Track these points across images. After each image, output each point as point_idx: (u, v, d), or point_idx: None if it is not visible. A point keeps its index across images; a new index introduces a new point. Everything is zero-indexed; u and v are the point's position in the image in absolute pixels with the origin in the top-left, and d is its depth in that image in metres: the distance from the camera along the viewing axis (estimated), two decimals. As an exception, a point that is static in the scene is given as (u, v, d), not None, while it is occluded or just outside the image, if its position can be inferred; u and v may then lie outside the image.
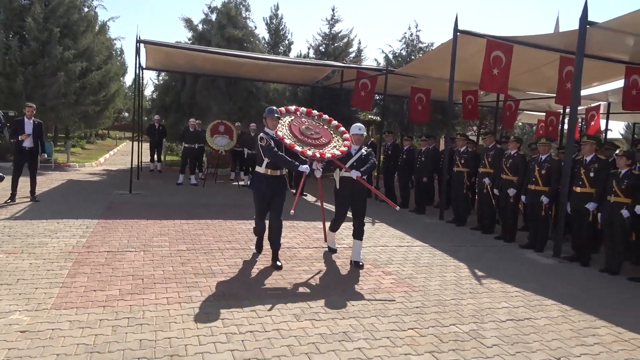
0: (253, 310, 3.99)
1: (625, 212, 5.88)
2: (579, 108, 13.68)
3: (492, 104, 16.38)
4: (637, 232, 5.88)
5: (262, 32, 22.71)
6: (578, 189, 6.51)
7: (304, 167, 5.20)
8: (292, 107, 5.93)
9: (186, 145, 12.32)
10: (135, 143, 12.12)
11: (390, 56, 19.94)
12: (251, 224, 7.49)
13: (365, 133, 5.80)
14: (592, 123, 16.23)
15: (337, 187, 5.71)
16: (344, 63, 15.33)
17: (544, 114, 16.72)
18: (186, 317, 3.77)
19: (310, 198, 11.22)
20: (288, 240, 6.60)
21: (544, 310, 4.47)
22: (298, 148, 5.33)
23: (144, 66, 13.27)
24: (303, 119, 5.84)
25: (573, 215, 6.64)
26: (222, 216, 7.99)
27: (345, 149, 5.62)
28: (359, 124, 5.79)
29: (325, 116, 6.09)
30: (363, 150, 5.70)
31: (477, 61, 9.39)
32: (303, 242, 6.60)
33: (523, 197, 7.31)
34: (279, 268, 5.25)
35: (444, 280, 5.24)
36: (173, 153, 21.09)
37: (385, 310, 4.21)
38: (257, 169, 5.39)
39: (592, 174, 6.40)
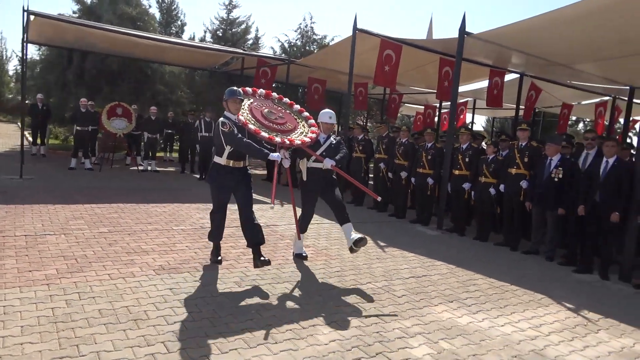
0: (197, 281, 4.38)
1: (492, 190, 7.21)
2: (447, 103, 15.64)
3: (379, 96, 17.85)
4: (501, 207, 7.24)
5: (154, 11, 21.82)
6: (456, 172, 7.77)
7: (275, 156, 4.56)
8: (250, 89, 5.24)
9: (79, 127, 11.71)
10: (20, 124, 11.23)
11: (286, 45, 20.56)
12: (165, 207, 7.68)
13: (335, 122, 5.39)
14: (461, 117, 18.57)
15: (304, 179, 5.18)
16: (245, 50, 15.59)
17: (423, 107, 18.70)
18: (134, 289, 4.05)
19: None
20: (207, 221, 6.94)
21: (435, 269, 5.47)
22: (264, 134, 4.69)
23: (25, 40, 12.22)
24: (263, 102, 5.19)
25: (452, 194, 7.90)
26: (133, 200, 7.99)
27: (314, 135, 5.08)
28: (329, 111, 5.34)
29: (286, 99, 5.48)
30: (332, 139, 5.26)
31: (368, 57, 10.38)
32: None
33: (412, 179, 8.45)
34: (267, 263, 4.65)
35: (358, 250, 6.04)
36: (51, 136, 19.48)
37: (312, 275, 4.86)
38: (217, 160, 4.70)
39: (467, 159, 7.69)
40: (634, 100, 11.84)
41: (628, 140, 14.15)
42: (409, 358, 3.24)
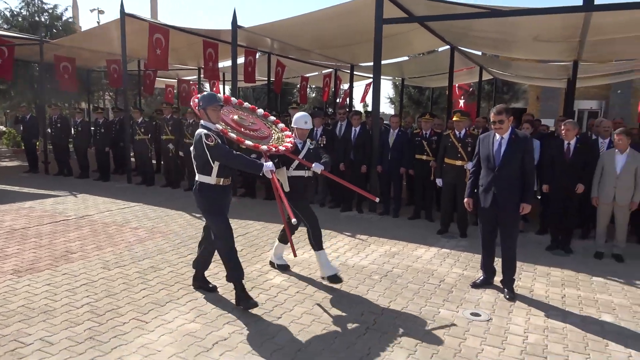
0: (65, 274, 4.74)
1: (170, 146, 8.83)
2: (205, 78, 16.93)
3: (135, 72, 17.66)
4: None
5: None
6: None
7: (270, 165, 4.04)
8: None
9: None
10: None
11: (8, 14, 17.91)
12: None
13: (312, 126, 5.07)
14: (214, 89, 20.21)
15: (286, 190, 4.67)
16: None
17: (175, 80, 19.59)
18: (13, 291, 4.24)
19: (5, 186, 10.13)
20: (11, 221, 6.68)
21: (250, 227, 6.91)
22: (249, 142, 4.20)
23: None
24: (226, 108, 4.64)
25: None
26: None
27: (291, 139, 4.71)
28: (304, 115, 4.93)
29: (247, 104, 4.99)
30: (309, 144, 4.96)
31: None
32: (31, 221, 6.82)
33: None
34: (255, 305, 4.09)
35: (180, 223, 6.96)
36: None
37: (163, 250, 5.68)
38: (203, 179, 4.05)
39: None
40: (354, 73, 15.46)
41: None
42: (272, 285, 4.66)
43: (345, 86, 18.83)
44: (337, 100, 19.67)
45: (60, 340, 3.42)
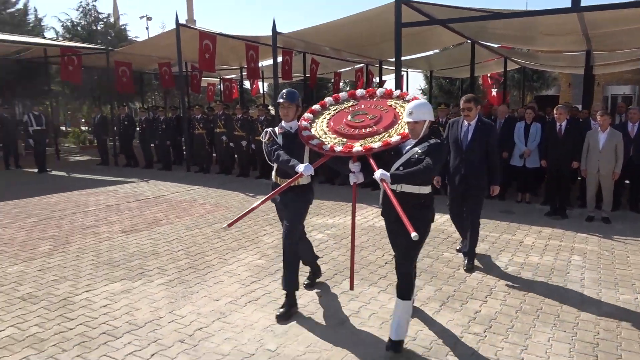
0: (160, 233, 6.28)
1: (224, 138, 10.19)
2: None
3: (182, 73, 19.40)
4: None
5: None
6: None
7: (302, 168, 3.67)
8: (344, 94, 4.23)
9: None
10: None
11: (69, 25, 19.99)
12: (62, 196, 8.59)
13: (423, 118, 3.37)
14: (254, 86, 21.81)
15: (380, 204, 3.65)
16: (55, 40, 15.18)
17: (217, 79, 21.30)
18: (125, 244, 5.79)
19: None
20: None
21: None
22: (339, 148, 3.66)
23: None
24: (362, 103, 4.10)
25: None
26: (29, 195, 8.62)
27: (398, 138, 3.54)
28: (417, 103, 3.46)
29: (397, 92, 4.09)
30: (419, 149, 3.38)
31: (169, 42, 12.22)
32: (119, 200, 8.46)
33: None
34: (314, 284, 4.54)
35: (237, 200, 8.43)
36: None
37: (230, 217, 7.15)
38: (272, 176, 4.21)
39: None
40: (383, 67, 16.67)
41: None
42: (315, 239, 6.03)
43: (377, 79, 20.03)
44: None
45: (170, 269, 4.94)
